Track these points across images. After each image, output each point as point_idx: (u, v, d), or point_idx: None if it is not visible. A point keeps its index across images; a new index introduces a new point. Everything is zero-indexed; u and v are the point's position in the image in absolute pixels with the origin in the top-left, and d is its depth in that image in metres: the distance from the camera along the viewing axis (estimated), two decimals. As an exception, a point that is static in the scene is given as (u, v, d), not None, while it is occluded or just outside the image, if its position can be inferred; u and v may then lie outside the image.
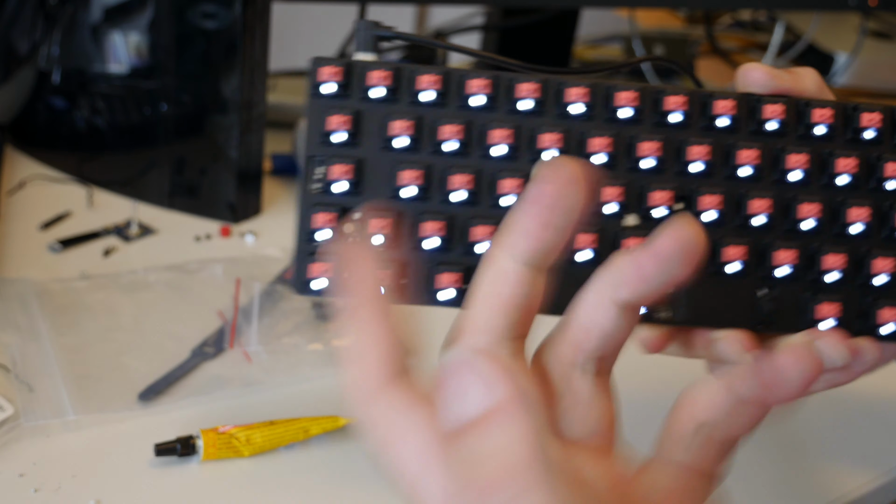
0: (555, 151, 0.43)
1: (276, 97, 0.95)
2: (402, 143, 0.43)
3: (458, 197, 0.42)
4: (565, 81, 0.45)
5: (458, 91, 0.44)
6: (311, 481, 0.54)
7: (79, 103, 0.80)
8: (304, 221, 0.44)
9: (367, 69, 0.43)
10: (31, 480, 0.51)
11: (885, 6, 1.00)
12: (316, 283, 0.43)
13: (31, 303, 0.64)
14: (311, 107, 0.44)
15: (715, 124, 0.44)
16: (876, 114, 0.44)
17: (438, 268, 0.42)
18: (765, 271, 0.43)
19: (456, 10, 1.21)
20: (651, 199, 0.43)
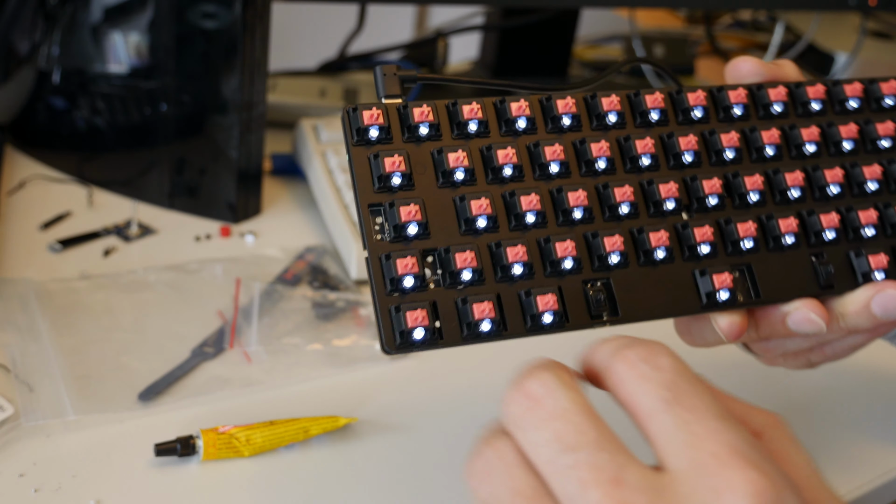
0: (602, 160, 0.45)
1: (276, 97, 0.96)
2: (460, 177, 0.43)
3: (530, 219, 0.43)
4: (596, 94, 0.47)
5: (500, 117, 0.45)
6: (311, 481, 0.54)
7: (79, 103, 0.80)
8: (382, 272, 0.41)
9: (411, 107, 0.43)
10: (31, 480, 0.51)
11: (885, 6, 1.00)
12: (417, 333, 0.40)
13: (31, 303, 0.64)
14: (357, 154, 0.43)
15: (732, 114, 0.48)
16: (856, 83, 0.50)
17: (532, 293, 0.42)
18: (814, 238, 0.47)
19: (456, 10, 1.21)
20: (701, 190, 0.46)
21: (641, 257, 0.44)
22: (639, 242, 0.44)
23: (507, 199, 0.43)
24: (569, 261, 0.43)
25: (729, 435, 0.31)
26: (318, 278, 0.72)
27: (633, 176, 0.46)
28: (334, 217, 0.75)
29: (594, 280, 0.44)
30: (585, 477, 0.31)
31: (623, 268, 0.44)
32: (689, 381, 0.33)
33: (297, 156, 0.84)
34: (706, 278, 0.45)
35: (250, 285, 0.68)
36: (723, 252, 0.46)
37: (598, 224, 0.44)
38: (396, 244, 0.42)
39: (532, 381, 0.34)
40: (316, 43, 1.35)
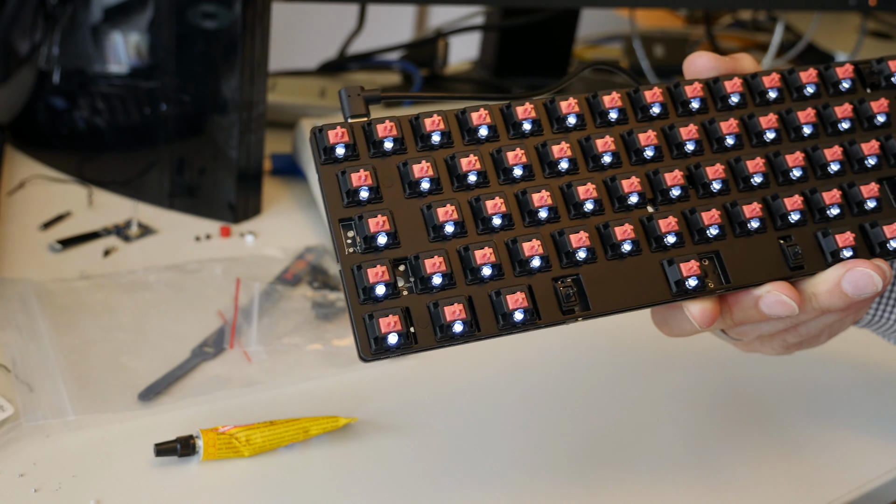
0: (565, 161, 0.47)
1: (276, 97, 0.96)
2: (426, 186, 0.45)
3: (496, 222, 0.45)
4: (554, 98, 0.48)
5: (462, 126, 0.47)
6: (311, 481, 0.54)
7: (79, 103, 0.80)
8: (355, 282, 0.43)
9: (374, 124, 0.45)
10: (31, 480, 0.51)
11: (885, 6, 1.00)
12: (391, 338, 0.42)
13: (31, 303, 0.64)
14: (325, 172, 0.44)
15: (690, 108, 0.49)
16: (811, 69, 0.51)
17: (501, 293, 0.44)
18: (780, 221, 0.48)
19: (456, 10, 1.21)
20: (663, 183, 0.47)
21: (609, 251, 0.46)
22: (605, 237, 0.46)
23: (473, 205, 0.45)
24: (536, 259, 0.44)
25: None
26: (318, 278, 0.72)
27: (596, 174, 0.47)
28: (334, 217, 0.75)
29: (563, 277, 0.45)
30: None
31: (591, 263, 0.45)
32: None
33: (297, 156, 0.84)
34: (674, 267, 0.46)
35: (250, 285, 0.68)
36: (689, 241, 0.47)
37: (563, 222, 0.46)
38: (367, 255, 0.43)
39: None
40: (316, 43, 1.35)
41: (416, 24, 1.86)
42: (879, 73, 0.52)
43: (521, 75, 1.11)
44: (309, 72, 1.08)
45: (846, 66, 0.52)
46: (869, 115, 0.51)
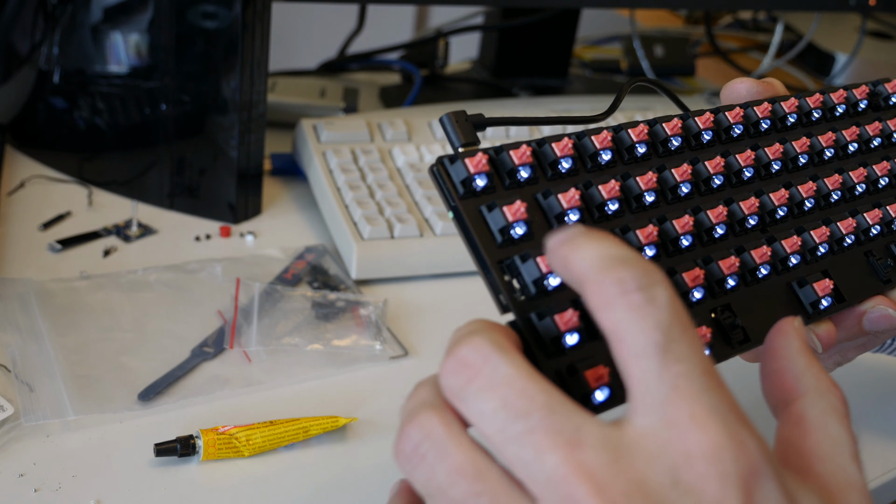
0: (686, 185, 0.43)
1: (276, 97, 0.96)
2: (574, 218, 0.39)
3: (649, 252, 0.40)
4: (657, 121, 0.45)
5: (585, 151, 0.42)
6: (311, 481, 0.54)
7: (79, 103, 0.80)
8: (539, 334, 0.36)
9: (507, 150, 0.39)
10: (31, 480, 0.51)
11: (885, 6, 1.00)
12: (599, 394, 0.35)
13: (31, 303, 0.64)
14: (468, 208, 0.38)
15: (777, 126, 0.48)
16: (840, 91, 0.51)
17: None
18: (863, 236, 0.48)
19: (456, 10, 1.21)
20: (771, 203, 0.45)
21: (748, 277, 0.43)
22: (744, 262, 0.43)
23: (620, 236, 0.40)
24: (698, 291, 0.40)
25: (711, 395, 0.30)
26: (318, 278, 0.72)
27: (714, 196, 0.44)
28: (334, 217, 0.75)
29: (719, 308, 0.41)
30: (541, 442, 0.29)
31: (735, 291, 0.42)
32: (684, 326, 0.30)
33: (297, 156, 0.84)
34: (807, 288, 0.44)
35: (250, 285, 0.68)
36: (804, 261, 0.45)
37: (708, 249, 0.42)
38: (541, 300, 0.36)
39: (466, 349, 0.32)
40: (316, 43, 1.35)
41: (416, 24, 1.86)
42: None
43: (521, 75, 1.11)
44: (309, 72, 1.08)
45: (862, 87, 0.53)
46: None
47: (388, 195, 0.76)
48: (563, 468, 0.29)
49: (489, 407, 0.30)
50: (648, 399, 0.30)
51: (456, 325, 0.35)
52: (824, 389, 0.36)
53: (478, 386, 0.31)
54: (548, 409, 0.30)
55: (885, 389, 0.66)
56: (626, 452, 0.29)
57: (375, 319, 0.67)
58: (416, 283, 0.73)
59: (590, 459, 0.29)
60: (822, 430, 0.35)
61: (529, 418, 0.30)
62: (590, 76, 1.18)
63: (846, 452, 0.34)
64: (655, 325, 0.30)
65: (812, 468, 0.34)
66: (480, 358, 0.31)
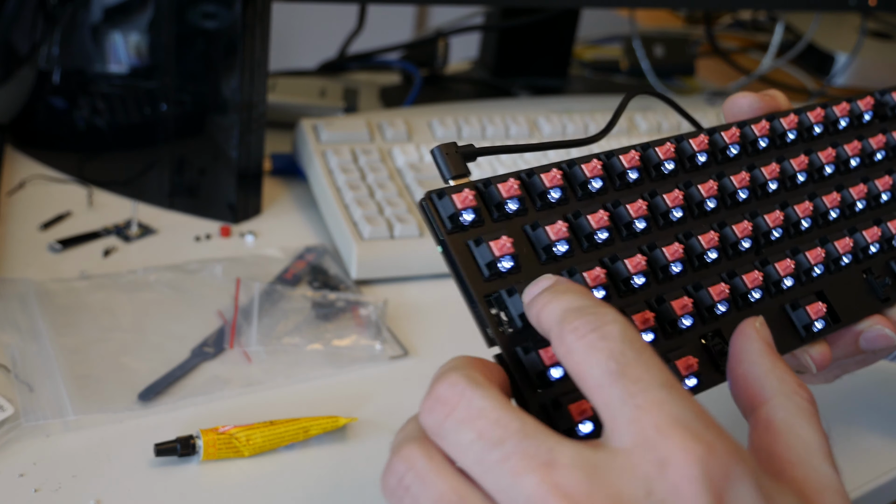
0: (678, 210, 0.43)
1: (276, 97, 0.96)
2: (562, 249, 0.39)
3: (637, 281, 0.40)
4: (650, 145, 0.45)
5: (575, 179, 0.42)
6: (311, 481, 0.54)
7: (79, 103, 0.80)
8: (524, 369, 0.36)
9: (494, 183, 0.39)
10: (31, 480, 0.51)
11: (885, 6, 1.00)
12: (585, 426, 0.35)
13: (31, 303, 0.64)
14: (455, 243, 0.38)
15: (776, 143, 0.48)
16: (844, 104, 0.51)
17: (669, 357, 0.39)
18: (861, 255, 0.47)
19: (456, 10, 1.21)
20: (767, 224, 0.45)
21: (740, 302, 0.43)
22: (735, 287, 0.43)
23: (609, 266, 0.40)
24: (687, 318, 0.40)
25: (673, 406, 0.31)
26: (318, 278, 0.72)
27: (701, 220, 0.44)
28: (334, 217, 0.75)
29: (709, 334, 0.41)
30: (516, 467, 0.30)
31: (726, 316, 0.42)
32: (636, 350, 0.32)
33: (297, 156, 0.84)
34: (800, 311, 0.44)
35: (250, 285, 0.68)
36: (798, 283, 0.45)
37: (699, 274, 0.42)
38: (528, 332, 0.37)
39: (442, 386, 0.33)
40: (316, 43, 1.35)
41: (416, 24, 1.86)
42: None
43: (521, 75, 1.11)
44: (309, 72, 1.08)
45: (867, 98, 0.52)
46: None
47: (388, 195, 0.76)
48: (539, 489, 0.30)
49: (466, 439, 0.32)
50: (617, 422, 0.31)
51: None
52: (790, 391, 0.36)
53: (454, 420, 0.32)
54: (521, 434, 0.31)
55: (883, 390, 0.66)
56: (599, 470, 0.30)
57: (375, 319, 0.67)
58: (416, 283, 0.73)
59: (565, 479, 0.30)
60: (791, 434, 0.35)
61: (504, 445, 0.31)
62: (590, 76, 1.18)
63: (818, 453, 0.35)
64: (609, 356, 0.32)
65: (786, 472, 0.34)
66: (455, 393, 0.33)
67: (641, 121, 0.92)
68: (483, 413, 0.32)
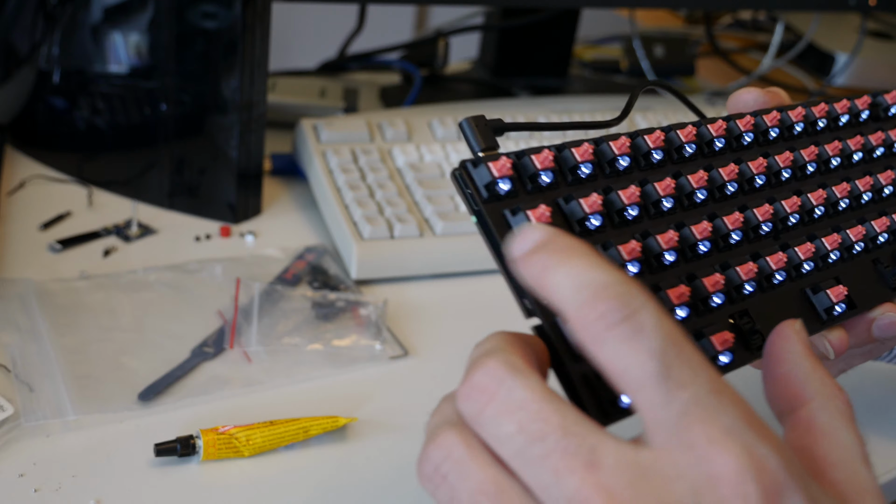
0: (702, 192, 0.43)
1: (276, 97, 0.96)
2: (595, 223, 0.39)
3: (669, 258, 0.40)
4: (672, 128, 0.45)
5: (604, 156, 0.42)
6: (311, 481, 0.54)
7: (79, 103, 0.80)
8: (565, 340, 0.35)
9: (529, 154, 0.39)
10: (31, 480, 0.51)
11: (885, 6, 1.00)
12: (624, 398, 0.35)
13: (31, 303, 0.64)
14: (492, 212, 0.37)
15: (768, 137, 0.48)
16: (844, 101, 0.51)
17: (703, 333, 0.39)
18: (871, 244, 0.47)
19: (456, 10, 1.21)
20: (760, 212, 0.44)
21: (764, 283, 0.43)
22: (761, 268, 0.42)
23: (641, 241, 0.40)
24: (718, 296, 0.40)
25: (724, 415, 0.30)
26: (318, 278, 0.72)
27: (729, 203, 0.44)
28: (334, 217, 0.75)
29: (738, 314, 0.41)
30: (558, 465, 0.29)
31: (753, 297, 0.42)
32: (679, 347, 0.30)
33: (297, 156, 0.84)
34: (821, 294, 0.44)
35: (250, 285, 0.68)
36: (816, 268, 0.45)
37: (728, 254, 0.42)
38: None
39: (479, 373, 0.32)
40: (316, 43, 1.35)
41: (416, 24, 1.86)
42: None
43: (521, 75, 1.11)
44: (309, 72, 1.08)
45: (864, 97, 0.53)
46: None
47: (388, 195, 0.76)
48: (583, 491, 0.29)
49: (505, 431, 0.31)
50: (661, 426, 0.30)
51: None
52: (830, 394, 0.36)
53: (493, 411, 0.31)
54: (563, 430, 0.30)
55: (883, 391, 0.66)
56: (644, 473, 0.29)
57: (375, 319, 0.67)
58: (416, 283, 0.73)
59: (609, 481, 0.29)
60: (832, 436, 0.35)
61: (545, 441, 0.30)
62: (590, 76, 1.18)
63: (857, 457, 0.34)
64: (649, 355, 0.30)
65: (826, 475, 0.34)
66: (495, 382, 0.32)
67: (642, 120, 0.92)
68: (523, 405, 0.31)
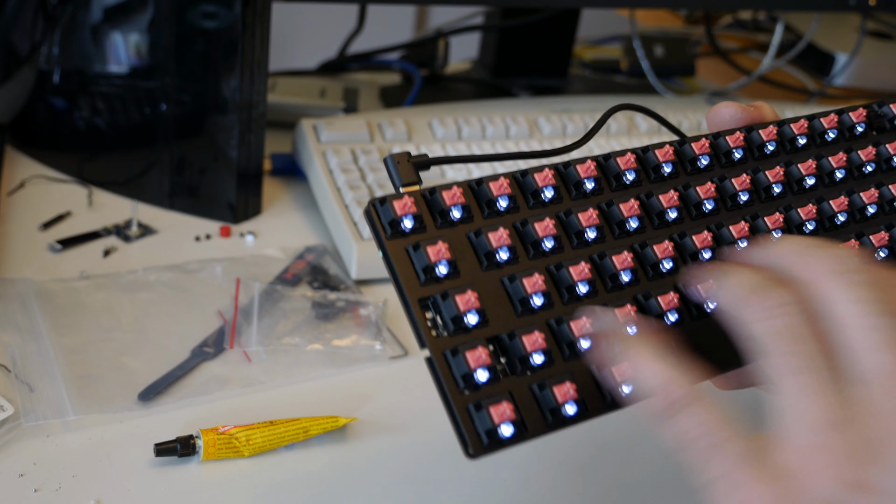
0: (634, 220, 0.44)
1: (276, 97, 0.96)
2: (504, 256, 0.41)
3: (581, 290, 0.41)
4: (610, 155, 0.45)
5: (527, 188, 0.43)
6: (311, 481, 0.54)
7: (79, 103, 0.80)
8: (451, 369, 0.38)
9: (439, 191, 0.41)
10: (31, 480, 0.51)
11: (885, 6, 1.00)
12: (504, 429, 0.37)
13: (31, 303, 0.64)
14: (394, 248, 0.39)
15: (733, 158, 0.47)
16: (832, 116, 0.50)
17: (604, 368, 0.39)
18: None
19: (456, 10, 1.21)
20: (732, 233, 0.45)
21: (694, 311, 0.43)
22: (683, 300, 0.43)
23: (553, 273, 0.41)
24: (632, 326, 0.40)
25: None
26: (318, 278, 0.72)
27: (661, 231, 0.44)
28: (334, 217, 0.75)
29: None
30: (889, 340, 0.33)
31: (678, 326, 0.42)
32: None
33: (297, 156, 0.84)
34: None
35: (250, 285, 0.68)
36: None
37: (643, 286, 0.43)
38: (458, 337, 0.39)
39: (849, 256, 0.36)
40: (316, 43, 1.35)
41: (416, 24, 1.86)
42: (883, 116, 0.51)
43: (521, 75, 1.11)
44: (309, 72, 1.08)
45: (859, 110, 0.51)
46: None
47: (388, 195, 0.76)
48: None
49: (869, 296, 0.35)
50: None
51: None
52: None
53: (867, 278, 0.35)
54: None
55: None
56: None
57: (375, 319, 0.67)
58: (416, 283, 0.73)
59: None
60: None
61: (892, 318, 0.34)
62: (590, 76, 1.18)
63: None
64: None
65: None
66: (866, 265, 0.35)
67: (641, 121, 0.92)
68: (891, 285, 0.35)
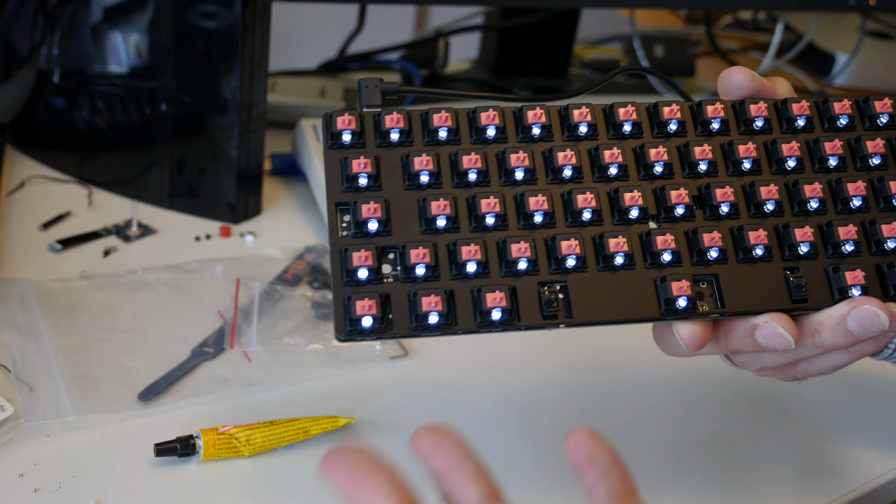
0: (569, 169, 0.47)
1: (276, 97, 0.96)
2: (425, 179, 0.46)
3: (490, 221, 0.45)
4: (568, 106, 0.48)
5: (471, 125, 0.48)
6: (311, 481, 0.54)
7: (79, 103, 0.80)
8: (340, 263, 0.44)
9: (383, 114, 0.46)
10: (31, 480, 0.51)
11: (885, 6, 1.00)
12: (365, 321, 0.43)
13: (31, 303, 0.64)
14: (329, 157, 0.46)
15: (711, 128, 0.49)
16: (845, 101, 0.50)
17: (482, 290, 0.44)
18: (788, 252, 0.47)
19: (456, 10, 1.21)
20: (668, 200, 0.47)
21: (601, 262, 0.45)
22: (598, 248, 0.46)
23: (469, 202, 0.46)
24: (523, 262, 0.44)
25: None
26: (318, 278, 0.72)
27: (599, 184, 0.47)
28: (334, 217, 0.75)
29: (551, 282, 0.45)
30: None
31: (580, 272, 0.45)
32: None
33: (297, 156, 0.84)
34: (665, 285, 0.45)
35: (250, 285, 0.68)
36: (688, 261, 0.46)
37: (558, 229, 0.46)
38: (357, 239, 0.45)
39: None
40: (316, 43, 1.35)
41: (416, 24, 1.86)
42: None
43: (521, 75, 1.11)
44: (309, 72, 1.08)
45: (885, 100, 0.51)
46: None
47: (388, 195, 0.76)
48: None
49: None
50: None
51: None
52: None
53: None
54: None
55: (886, 389, 0.66)
56: None
57: (375, 319, 0.67)
58: (416, 283, 0.73)
59: None
60: None
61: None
62: (590, 76, 1.18)
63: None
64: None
65: None
66: None
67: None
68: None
